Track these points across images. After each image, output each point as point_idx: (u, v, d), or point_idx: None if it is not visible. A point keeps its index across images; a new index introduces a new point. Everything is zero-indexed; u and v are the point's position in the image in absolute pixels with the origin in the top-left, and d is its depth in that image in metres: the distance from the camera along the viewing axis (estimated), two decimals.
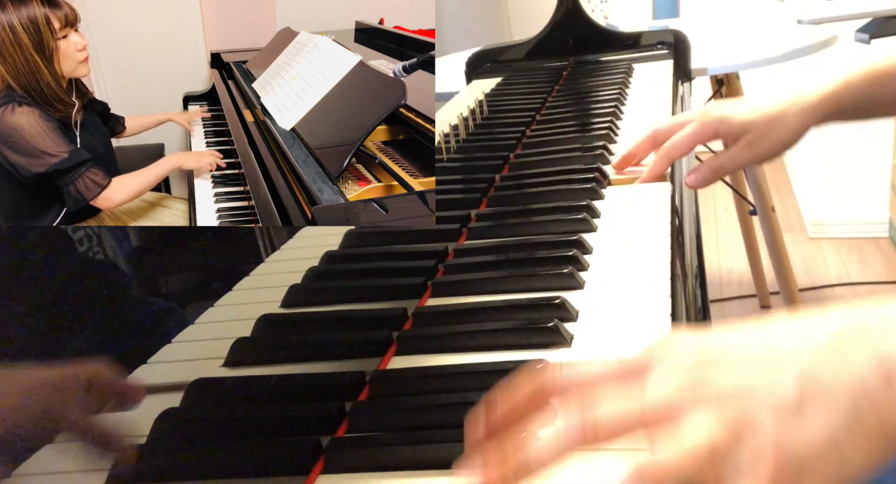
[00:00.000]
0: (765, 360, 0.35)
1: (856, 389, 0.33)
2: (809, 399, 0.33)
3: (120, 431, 0.47)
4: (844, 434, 0.33)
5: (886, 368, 0.33)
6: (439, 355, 0.53)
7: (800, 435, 0.33)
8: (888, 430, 0.33)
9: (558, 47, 1.46)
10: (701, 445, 0.33)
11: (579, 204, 0.73)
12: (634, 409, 0.35)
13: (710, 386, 0.35)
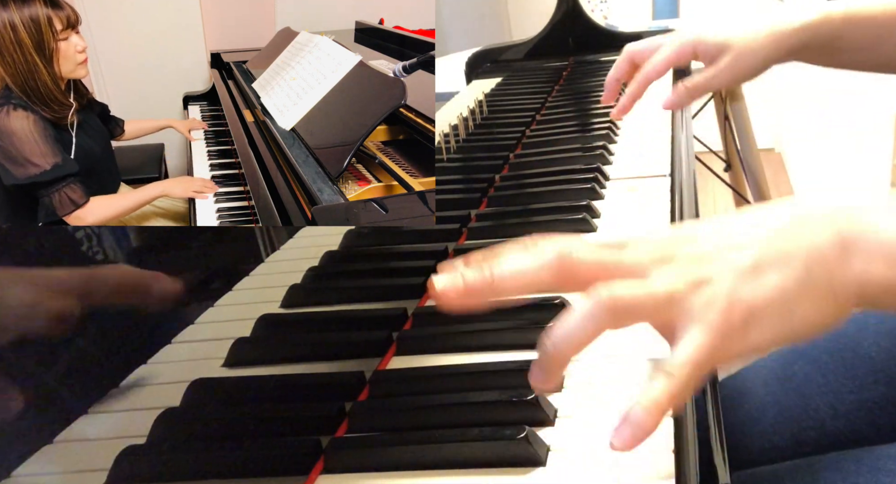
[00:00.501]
0: (730, 234, 0.39)
1: (811, 255, 0.37)
2: (767, 262, 0.37)
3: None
4: (795, 292, 0.36)
5: (844, 239, 0.37)
6: (439, 355, 0.53)
7: (753, 289, 0.36)
8: (838, 293, 0.37)
9: (558, 47, 1.46)
10: (660, 289, 0.37)
11: (579, 204, 0.73)
12: (610, 257, 0.39)
13: (678, 254, 0.38)
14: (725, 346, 0.36)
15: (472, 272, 0.38)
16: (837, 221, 0.38)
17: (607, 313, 0.37)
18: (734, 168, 2.05)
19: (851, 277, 0.37)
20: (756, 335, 0.37)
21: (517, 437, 0.40)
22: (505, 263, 0.39)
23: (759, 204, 0.42)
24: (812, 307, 0.37)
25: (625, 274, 0.38)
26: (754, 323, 0.36)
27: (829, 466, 0.57)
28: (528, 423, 0.42)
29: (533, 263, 0.38)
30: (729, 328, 0.36)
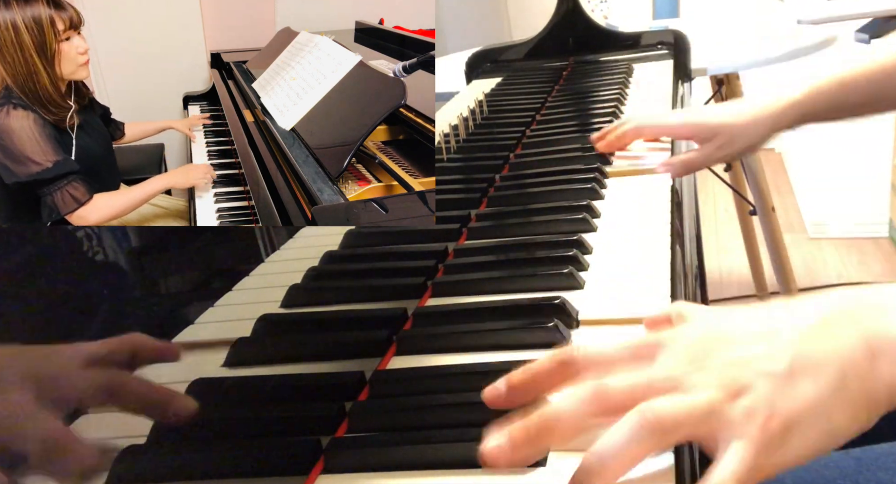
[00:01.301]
0: (763, 336, 0.39)
1: (843, 362, 0.37)
2: (801, 369, 0.37)
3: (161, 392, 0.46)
4: (831, 399, 0.37)
5: (871, 344, 0.37)
6: (439, 355, 0.53)
7: (790, 398, 0.37)
8: (871, 397, 0.37)
9: (558, 47, 1.46)
10: (700, 402, 0.37)
11: (579, 204, 0.73)
12: (643, 378, 0.39)
13: (711, 358, 0.38)
14: (767, 457, 0.36)
15: (517, 431, 0.39)
16: (862, 324, 0.38)
17: (652, 433, 0.36)
18: (734, 168, 2.05)
19: (882, 383, 0.37)
20: (795, 446, 0.37)
21: None
22: (546, 415, 0.39)
23: (784, 299, 0.42)
24: (848, 414, 0.37)
25: (660, 391, 0.38)
26: (794, 433, 0.36)
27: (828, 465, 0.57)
28: None
29: (573, 408, 0.38)
30: (770, 440, 0.36)
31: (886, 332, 0.38)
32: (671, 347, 0.40)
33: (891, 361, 0.37)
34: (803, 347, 0.38)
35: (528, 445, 0.38)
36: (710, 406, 0.37)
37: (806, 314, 0.40)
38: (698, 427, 0.37)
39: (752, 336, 0.39)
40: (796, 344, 0.38)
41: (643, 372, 0.39)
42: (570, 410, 0.38)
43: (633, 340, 0.42)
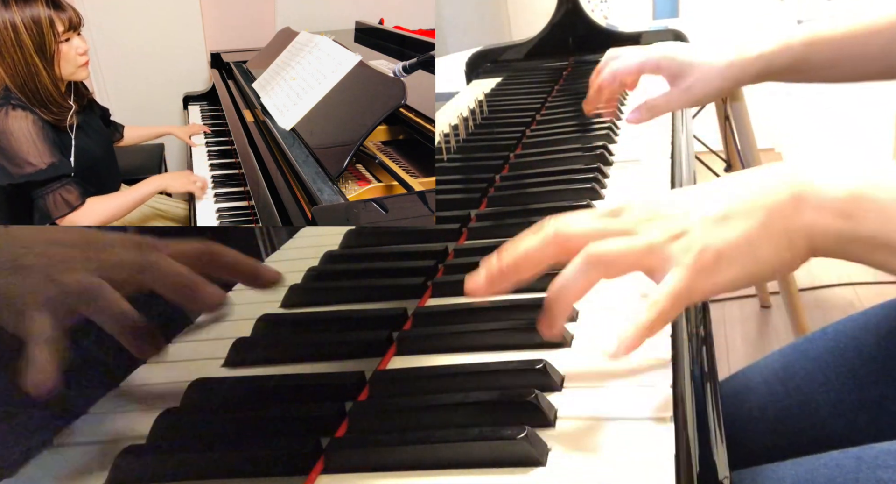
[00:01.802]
0: (702, 195, 0.47)
1: (770, 207, 0.44)
2: (733, 214, 0.44)
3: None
4: (757, 236, 0.44)
5: (795, 194, 0.44)
6: (439, 355, 0.53)
7: (721, 235, 0.44)
8: (793, 239, 0.44)
9: (558, 47, 1.46)
10: (642, 241, 0.45)
11: (579, 204, 0.73)
12: (599, 225, 0.47)
13: (659, 214, 0.46)
14: (700, 281, 0.44)
15: (490, 264, 0.47)
16: (793, 180, 0.45)
17: (596, 264, 0.45)
18: (734, 168, 2.06)
19: (802, 226, 0.44)
20: (725, 273, 0.44)
21: (517, 437, 0.40)
22: (514, 249, 0.47)
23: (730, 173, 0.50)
24: (771, 250, 0.44)
25: (612, 235, 0.46)
26: (724, 262, 0.44)
27: (828, 464, 0.57)
28: (528, 423, 0.42)
29: (536, 242, 0.47)
30: (702, 266, 0.43)
31: (810, 184, 0.44)
32: (630, 207, 0.48)
33: (812, 208, 0.44)
34: (738, 197, 0.45)
35: (500, 279, 0.47)
36: (650, 244, 0.44)
37: (744, 176, 0.47)
38: (641, 261, 0.45)
39: (698, 195, 0.47)
40: (732, 196, 0.45)
41: (600, 221, 0.47)
42: (533, 247, 0.47)
43: (603, 209, 0.49)
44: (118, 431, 0.50)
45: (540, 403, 0.43)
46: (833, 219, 0.44)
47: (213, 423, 0.48)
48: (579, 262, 0.45)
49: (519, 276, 0.47)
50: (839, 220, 0.43)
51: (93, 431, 0.50)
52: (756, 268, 0.44)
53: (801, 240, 0.44)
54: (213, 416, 0.49)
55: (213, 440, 0.47)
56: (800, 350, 0.77)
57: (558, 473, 0.40)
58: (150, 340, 0.48)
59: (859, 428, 0.70)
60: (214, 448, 0.45)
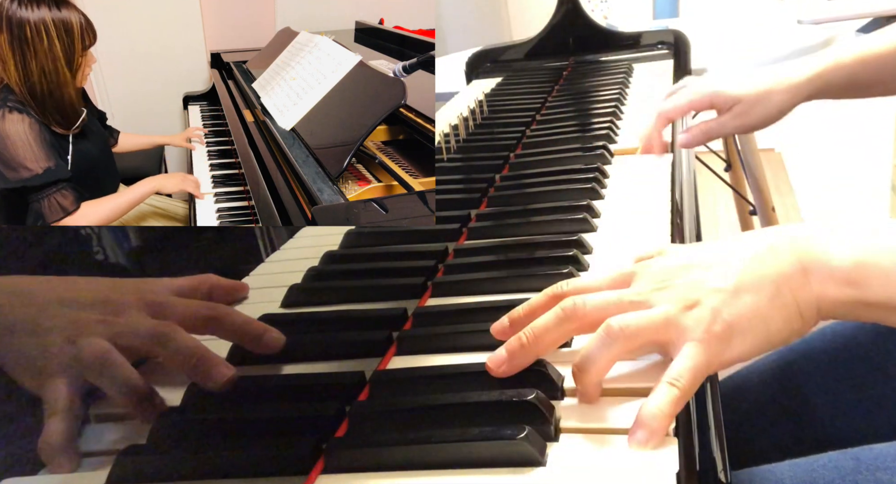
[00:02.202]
0: (716, 263, 0.47)
1: (780, 278, 0.46)
2: (745, 286, 0.46)
3: None
4: (768, 308, 0.45)
5: (804, 265, 0.46)
6: (439, 355, 0.53)
7: (734, 308, 0.45)
8: (802, 309, 0.46)
9: (558, 47, 1.46)
10: (658, 314, 0.45)
11: (579, 204, 0.73)
12: (613, 297, 0.48)
13: (673, 282, 0.47)
14: (715, 354, 0.44)
15: (511, 344, 0.47)
16: (798, 250, 0.46)
17: (618, 338, 0.45)
18: (734, 168, 2.05)
19: (811, 296, 0.46)
20: (739, 345, 0.45)
21: (517, 437, 0.40)
22: (534, 327, 0.48)
23: (737, 234, 0.51)
24: (782, 321, 0.45)
25: (628, 307, 0.47)
26: (736, 335, 0.45)
27: (827, 465, 0.57)
28: (528, 423, 0.42)
29: (553, 320, 0.48)
30: (716, 339, 0.44)
31: (816, 255, 0.46)
32: (642, 274, 0.49)
33: (819, 279, 0.45)
34: (748, 268, 0.46)
35: (521, 355, 0.47)
36: (667, 317, 0.45)
37: (753, 244, 0.48)
38: (658, 334, 0.45)
39: (709, 263, 0.48)
40: (743, 267, 0.46)
41: (615, 293, 0.48)
42: (552, 324, 0.47)
43: (614, 271, 0.51)
44: (118, 431, 0.50)
45: (540, 403, 0.43)
46: (840, 288, 0.45)
47: (213, 423, 0.48)
48: (602, 335, 0.45)
49: (539, 351, 0.48)
50: (847, 289, 0.45)
51: (93, 431, 0.50)
52: (768, 338, 0.45)
53: (810, 309, 0.46)
54: (213, 416, 0.49)
55: (213, 440, 0.47)
56: (798, 351, 0.77)
57: (558, 473, 0.40)
58: (152, 406, 0.49)
59: (857, 428, 0.70)
60: (214, 448, 0.45)
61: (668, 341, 0.45)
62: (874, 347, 0.72)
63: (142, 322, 0.50)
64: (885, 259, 0.44)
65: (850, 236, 0.46)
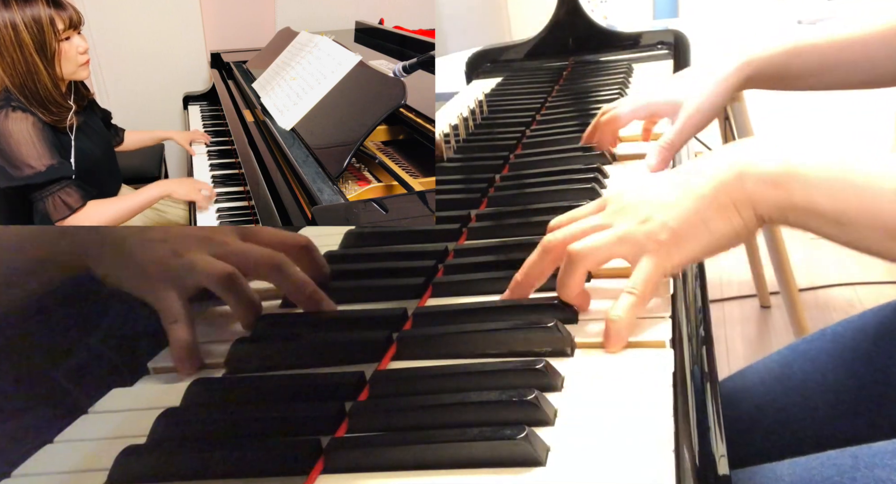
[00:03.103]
0: (663, 184, 0.55)
1: (717, 184, 0.52)
2: (685, 195, 0.53)
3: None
4: (707, 211, 0.52)
5: (738, 169, 0.52)
6: (439, 355, 0.53)
7: (677, 216, 0.52)
8: (740, 208, 0.52)
9: (558, 47, 1.46)
10: (614, 233, 0.53)
11: (579, 204, 0.73)
12: (579, 228, 0.56)
13: (630, 204, 0.55)
14: (666, 260, 0.52)
15: (512, 283, 0.57)
16: (736, 160, 0.53)
17: (577, 259, 0.53)
18: None
19: (746, 196, 0.51)
20: (686, 248, 0.52)
21: (517, 437, 0.40)
22: (524, 267, 0.57)
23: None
24: (723, 221, 0.52)
25: (591, 232, 0.54)
26: (682, 239, 0.52)
27: (825, 463, 0.57)
28: (528, 423, 0.42)
29: (534, 258, 0.57)
30: (665, 249, 0.52)
31: (749, 161, 0.52)
32: (609, 201, 0.57)
33: (751, 181, 0.51)
34: (690, 182, 0.53)
35: (520, 290, 0.57)
36: (621, 235, 0.53)
37: (698, 163, 0.55)
38: (615, 250, 0.53)
39: (660, 185, 0.55)
40: (686, 181, 0.53)
41: (580, 223, 0.56)
42: (536, 259, 0.56)
43: (592, 203, 0.59)
44: (118, 431, 0.50)
45: (540, 403, 0.43)
46: (769, 189, 0.51)
47: (213, 423, 0.48)
48: (566, 260, 0.54)
49: (532, 285, 0.57)
50: (774, 191, 0.51)
51: (93, 431, 0.50)
52: (713, 239, 0.52)
53: (746, 209, 0.52)
54: (213, 416, 0.49)
55: (213, 440, 0.47)
56: (798, 351, 0.77)
57: (558, 472, 0.40)
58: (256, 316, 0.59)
59: (857, 429, 0.70)
60: (214, 448, 0.45)
61: (627, 256, 0.53)
62: (874, 347, 0.72)
63: (256, 249, 0.60)
64: (804, 168, 0.51)
65: (780, 146, 0.52)
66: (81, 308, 0.59)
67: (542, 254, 0.56)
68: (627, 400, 0.45)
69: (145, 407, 0.51)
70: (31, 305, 0.55)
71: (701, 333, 0.55)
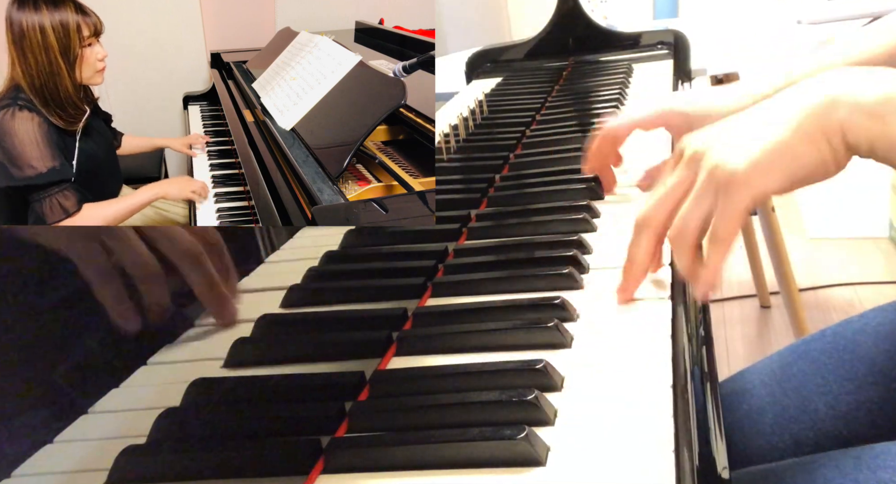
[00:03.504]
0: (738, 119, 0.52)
1: (806, 109, 0.48)
2: (767, 124, 0.49)
3: None
4: (792, 138, 0.48)
5: (832, 96, 0.48)
6: (439, 355, 0.53)
7: (760, 146, 0.48)
8: (829, 137, 0.48)
9: (558, 47, 1.46)
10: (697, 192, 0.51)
11: (579, 204, 0.73)
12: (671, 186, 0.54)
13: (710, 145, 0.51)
14: (749, 193, 0.49)
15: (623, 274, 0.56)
16: (829, 87, 0.49)
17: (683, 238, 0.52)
18: None
19: (837, 124, 0.48)
20: (772, 178, 0.48)
21: (517, 437, 0.40)
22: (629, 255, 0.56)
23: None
24: (810, 149, 0.48)
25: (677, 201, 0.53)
26: (767, 170, 0.48)
27: (827, 465, 0.57)
28: (528, 423, 0.42)
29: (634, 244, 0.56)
30: (746, 182, 0.48)
31: (845, 89, 0.48)
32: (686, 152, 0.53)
33: (845, 109, 0.48)
34: (770, 111, 0.50)
35: (632, 279, 0.56)
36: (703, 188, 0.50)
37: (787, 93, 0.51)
38: (705, 205, 0.50)
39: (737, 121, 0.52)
40: (765, 112, 0.50)
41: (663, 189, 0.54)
42: (636, 249, 0.55)
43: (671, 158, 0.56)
44: (118, 431, 0.50)
45: (540, 402, 0.43)
46: (865, 119, 0.47)
47: (213, 423, 0.48)
48: (672, 248, 0.53)
49: (644, 267, 0.56)
50: (871, 121, 0.47)
51: (93, 431, 0.50)
52: (798, 168, 0.49)
53: (836, 138, 0.48)
54: (213, 416, 0.49)
55: (213, 440, 0.47)
56: (798, 352, 0.77)
57: (558, 472, 0.40)
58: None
59: (858, 430, 0.70)
60: (214, 448, 0.45)
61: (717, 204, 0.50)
62: (874, 349, 0.72)
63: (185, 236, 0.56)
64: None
65: (880, 77, 0.48)
66: (81, 308, 0.59)
67: (638, 233, 0.55)
68: (627, 400, 0.45)
69: (145, 407, 0.51)
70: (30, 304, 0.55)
71: (701, 333, 0.55)
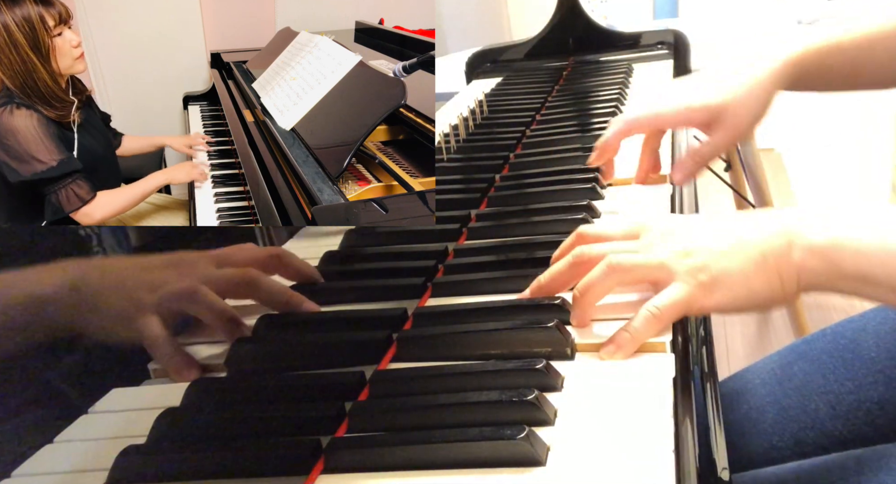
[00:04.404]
0: (710, 229, 0.54)
1: (765, 247, 0.51)
2: (733, 249, 0.52)
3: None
4: (751, 270, 0.51)
5: (788, 239, 0.51)
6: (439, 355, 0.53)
7: (721, 264, 0.51)
8: (783, 275, 0.51)
9: (558, 47, 1.46)
10: (655, 258, 0.53)
11: (579, 204, 0.73)
12: (620, 247, 0.55)
13: (672, 237, 0.54)
14: (698, 298, 0.51)
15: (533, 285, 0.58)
16: (787, 228, 0.52)
17: (615, 270, 0.53)
18: (734, 168, 2.05)
19: (793, 266, 0.51)
20: (720, 295, 0.51)
21: (517, 437, 0.40)
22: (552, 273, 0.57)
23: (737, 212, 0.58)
24: (763, 284, 0.51)
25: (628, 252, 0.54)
26: (720, 286, 0.51)
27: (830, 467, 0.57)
28: (528, 423, 0.42)
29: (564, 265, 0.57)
30: (702, 285, 0.51)
31: (799, 231, 0.51)
32: (649, 228, 0.56)
33: (800, 251, 0.51)
34: (740, 236, 0.52)
35: (541, 292, 0.57)
36: (661, 261, 0.52)
37: (746, 218, 0.54)
38: (652, 273, 0.53)
39: (707, 229, 0.54)
40: (736, 234, 0.53)
41: (621, 243, 0.56)
42: (565, 269, 0.56)
43: (627, 224, 0.58)
44: (118, 431, 0.50)
45: (540, 402, 0.43)
46: (818, 261, 0.50)
47: (213, 423, 0.48)
48: (602, 267, 0.53)
49: (555, 291, 0.57)
50: (823, 263, 0.50)
51: (93, 431, 0.50)
52: (749, 296, 0.51)
53: (790, 278, 0.51)
54: (213, 416, 0.49)
55: (213, 440, 0.47)
56: (798, 352, 0.77)
57: (558, 472, 0.40)
58: (238, 328, 0.58)
59: (858, 429, 0.70)
60: (214, 448, 0.45)
61: (660, 280, 0.52)
62: (875, 348, 0.72)
63: (225, 272, 0.60)
64: (854, 242, 0.50)
65: (830, 218, 0.52)
66: (81, 307, 0.59)
67: (573, 264, 0.56)
68: (628, 400, 0.45)
69: (145, 407, 0.51)
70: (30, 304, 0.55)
71: (701, 333, 0.55)
